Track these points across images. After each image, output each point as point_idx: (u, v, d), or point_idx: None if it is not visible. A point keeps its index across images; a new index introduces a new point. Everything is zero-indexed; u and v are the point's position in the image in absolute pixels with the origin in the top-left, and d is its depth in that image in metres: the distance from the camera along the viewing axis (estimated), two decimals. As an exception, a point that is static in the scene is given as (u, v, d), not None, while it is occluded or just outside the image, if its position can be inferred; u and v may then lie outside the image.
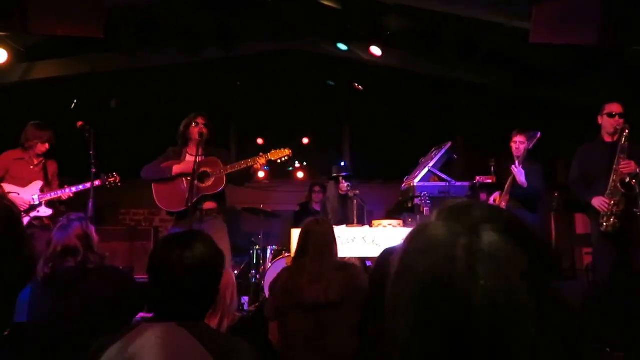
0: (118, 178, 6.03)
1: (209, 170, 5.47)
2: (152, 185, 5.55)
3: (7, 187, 5.84)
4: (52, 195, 5.92)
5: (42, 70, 8.01)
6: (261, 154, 5.51)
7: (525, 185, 6.01)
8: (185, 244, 2.05)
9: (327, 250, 3.76)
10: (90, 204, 5.44)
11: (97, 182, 5.69)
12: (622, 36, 5.34)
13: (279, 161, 5.61)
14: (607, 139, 5.38)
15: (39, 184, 5.95)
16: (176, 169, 5.45)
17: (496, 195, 6.30)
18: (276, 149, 5.57)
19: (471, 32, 7.29)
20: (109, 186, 5.98)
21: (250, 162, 5.46)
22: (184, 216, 5.35)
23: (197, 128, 5.52)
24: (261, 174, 9.59)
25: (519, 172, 6.03)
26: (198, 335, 1.86)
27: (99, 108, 8.14)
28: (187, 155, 5.53)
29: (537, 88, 8.18)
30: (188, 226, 5.08)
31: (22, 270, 1.09)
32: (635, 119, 5.50)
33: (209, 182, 5.46)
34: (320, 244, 3.75)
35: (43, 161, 6.12)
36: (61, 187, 6.02)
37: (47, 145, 6.07)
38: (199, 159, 5.43)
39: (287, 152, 5.57)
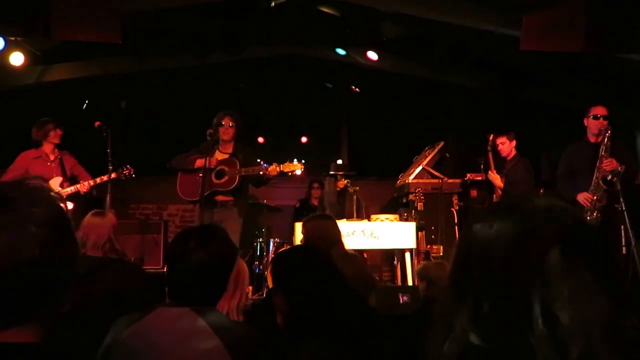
0: (132, 170, 6.08)
1: (226, 169, 5.66)
2: (178, 175, 5.76)
3: None
4: (71, 190, 5.96)
5: (56, 73, 8.00)
6: (275, 164, 5.65)
7: (502, 186, 6.33)
8: (200, 237, 2.12)
9: (340, 239, 3.97)
10: (108, 199, 5.52)
11: (113, 175, 5.78)
12: (605, 44, 5.43)
13: (289, 173, 5.76)
14: (592, 139, 5.48)
15: (58, 179, 5.96)
16: (199, 162, 5.59)
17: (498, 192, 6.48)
18: (290, 162, 5.71)
19: (462, 39, 7.34)
20: (124, 178, 6.03)
21: (263, 169, 5.65)
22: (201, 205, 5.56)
23: (223, 128, 5.64)
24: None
25: (494, 178, 6.40)
26: (207, 319, 1.93)
27: (110, 109, 8.15)
28: (217, 152, 5.69)
29: (524, 91, 8.25)
30: (202, 215, 5.38)
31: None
32: (617, 120, 5.60)
33: (223, 180, 5.65)
34: (337, 234, 3.96)
35: (58, 156, 6.13)
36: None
37: (59, 131, 6.09)
38: (223, 156, 5.64)
39: (299, 166, 5.71)
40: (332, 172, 7.43)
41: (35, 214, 1.08)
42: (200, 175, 5.46)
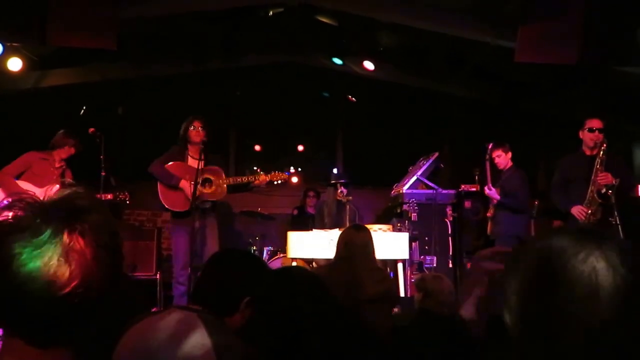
0: (127, 196, 6.04)
1: (212, 177, 5.62)
2: (158, 185, 5.63)
3: (25, 185, 5.79)
4: None
5: (54, 78, 7.92)
6: (262, 173, 5.66)
7: (499, 199, 6.25)
8: (238, 261, 2.36)
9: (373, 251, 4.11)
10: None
11: (108, 196, 5.73)
12: (601, 56, 5.38)
13: (275, 182, 5.76)
14: (587, 152, 5.41)
15: (55, 187, 5.89)
16: (183, 184, 5.54)
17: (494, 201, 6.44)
18: (277, 172, 5.71)
19: (459, 49, 7.28)
20: (119, 202, 6.00)
21: (250, 178, 5.67)
22: (183, 215, 5.53)
23: (194, 131, 5.58)
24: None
25: (491, 194, 6.31)
26: (207, 325, 1.95)
27: (107, 115, 8.07)
28: (189, 157, 5.63)
29: (520, 102, 8.19)
30: (189, 224, 5.37)
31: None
32: (613, 132, 5.53)
33: (211, 189, 5.60)
34: (367, 245, 4.07)
35: (64, 167, 6.11)
36: None
37: (73, 150, 6.08)
38: (201, 164, 5.49)
39: (285, 176, 5.75)
40: (333, 182, 7.34)
41: (109, 221, 1.07)
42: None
